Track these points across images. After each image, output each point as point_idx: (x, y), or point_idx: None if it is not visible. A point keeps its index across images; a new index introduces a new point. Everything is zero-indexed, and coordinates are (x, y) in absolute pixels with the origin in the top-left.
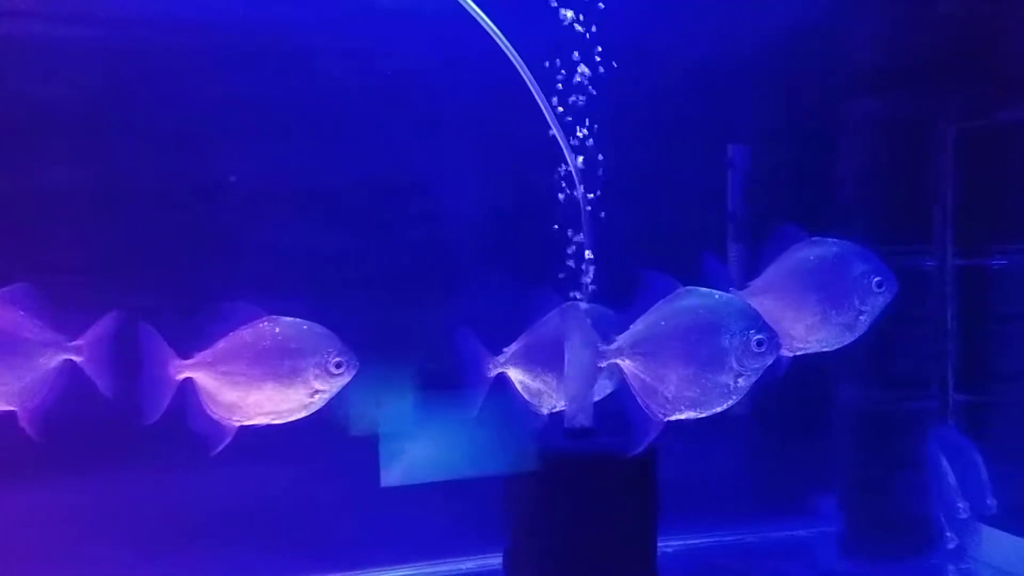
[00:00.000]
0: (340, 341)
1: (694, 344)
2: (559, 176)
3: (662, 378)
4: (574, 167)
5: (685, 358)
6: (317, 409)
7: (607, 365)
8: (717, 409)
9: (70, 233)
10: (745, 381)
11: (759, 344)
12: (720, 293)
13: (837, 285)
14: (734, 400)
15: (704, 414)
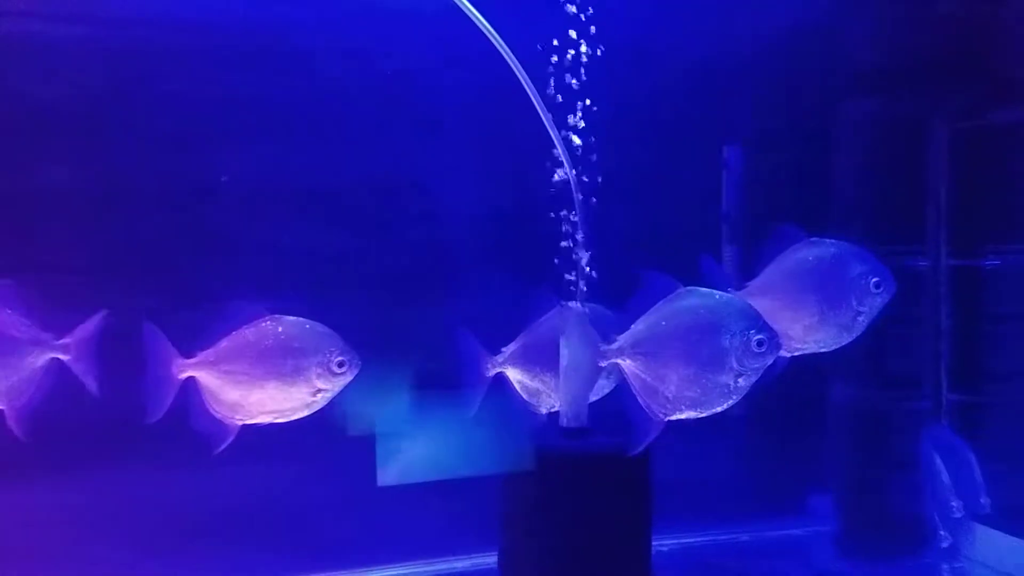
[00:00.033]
0: (342, 340)
1: (695, 344)
2: (558, 176)
3: (663, 378)
4: (569, 168)
5: (686, 358)
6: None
7: (607, 365)
8: (718, 409)
9: (70, 232)
10: (745, 381)
11: (759, 344)
12: (720, 293)
13: (835, 286)
14: (734, 400)
15: (705, 414)
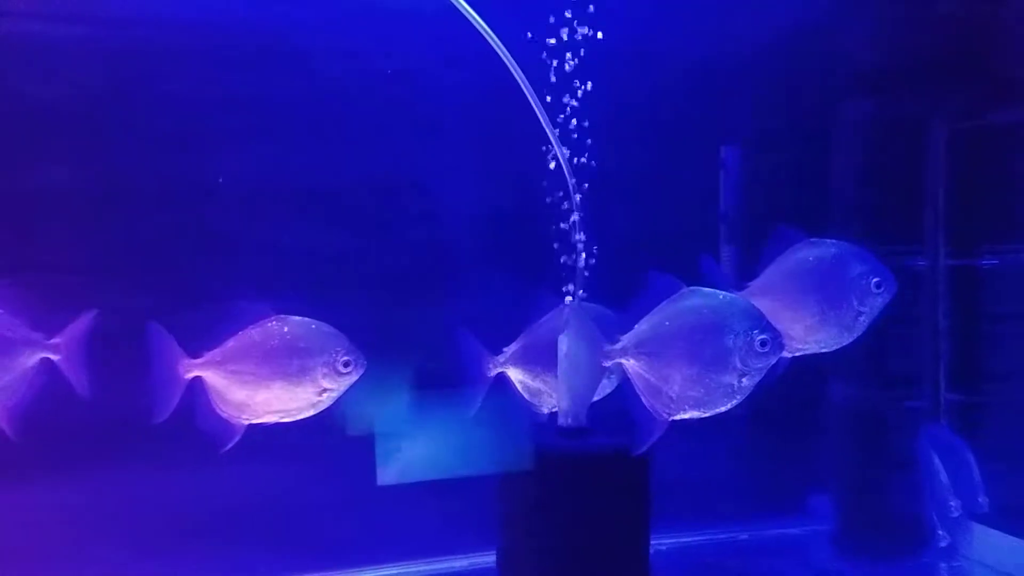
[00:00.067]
0: (348, 340)
1: (698, 344)
2: (558, 176)
3: (666, 378)
4: (568, 170)
5: (689, 358)
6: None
7: (611, 365)
8: (721, 409)
9: (70, 233)
10: (749, 381)
11: (763, 344)
12: (724, 293)
13: (836, 286)
14: (738, 400)
15: (708, 414)
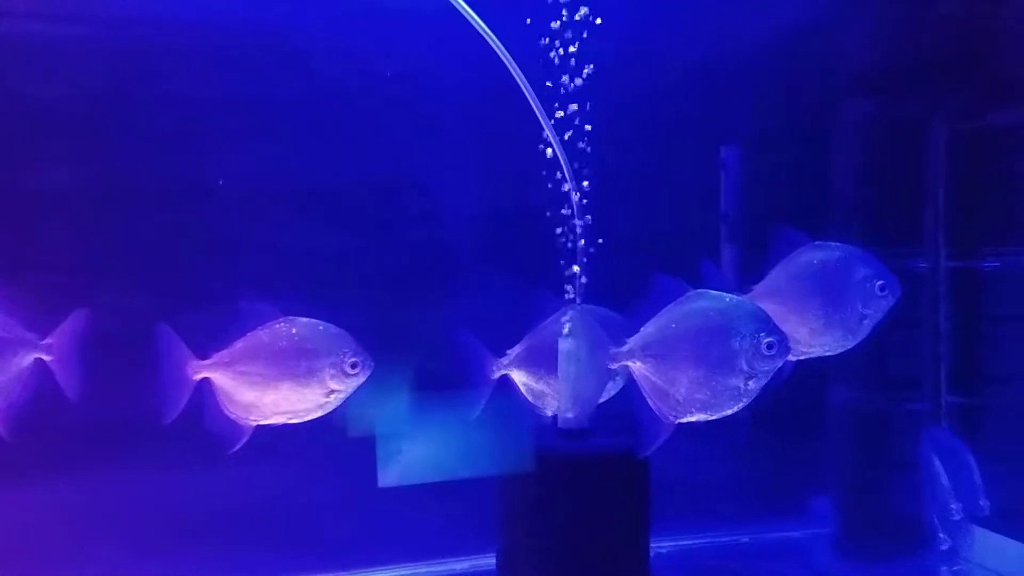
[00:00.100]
0: (355, 342)
1: (704, 346)
2: (560, 178)
3: (673, 380)
4: (568, 172)
5: (695, 360)
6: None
7: (617, 367)
8: (728, 412)
9: (69, 232)
10: (755, 383)
11: (769, 347)
12: (730, 296)
13: (840, 289)
14: (745, 402)
15: (715, 416)
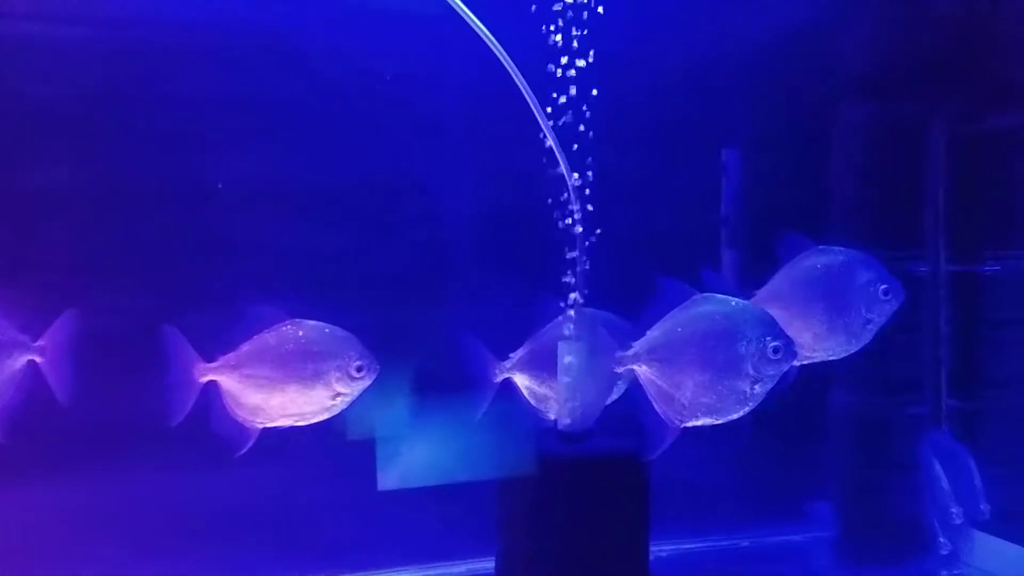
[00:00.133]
0: (361, 345)
1: (710, 350)
2: (560, 180)
3: (678, 384)
4: (568, 174)
5: (701, 364)
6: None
7: (623, 371)
8: (733, 416)
9: (69, 232)
10: (761, 388)
11: (775, 351)
12: (736, 300)
13: (844, 294)
14: (750, 407)
15: (720, 420)
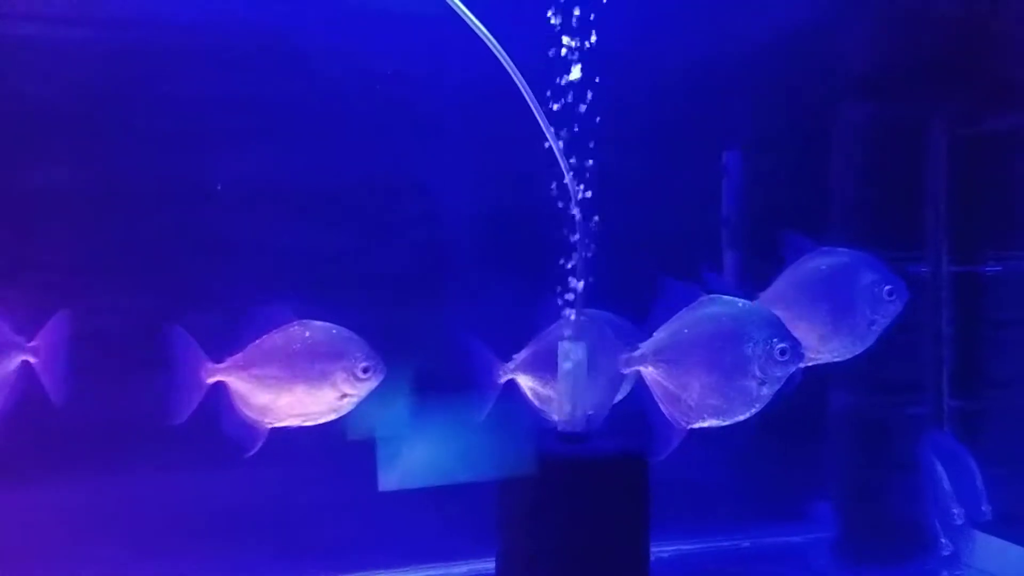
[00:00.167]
0: (368, 346)
1: (717, 352)
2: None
3: (685, 386)
4: (569, 177)
5: (708, 366)
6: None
7: (629, 372)
8: (740, 417)
9: (69, 233)
10: (768, 389)
11: (782, 352)
12: (743, 301)
13: (848, 295)
14: (757, 408)
15: (727, 422)
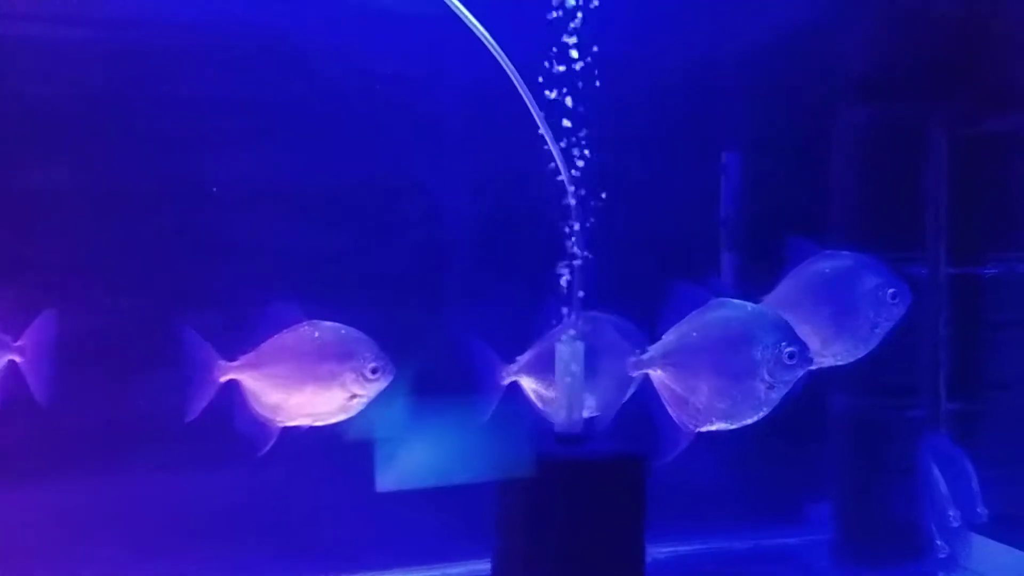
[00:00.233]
0: (377, 347)
1: (726, 355)
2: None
3: (693, 389)
4: (568, 179)
5: (716, 369)
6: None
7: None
8: (747, 421)
9: (69, 232)
10: (776, 393)
11: (791, 356)
12: (752, 305)
13: (851, 298)
14: (764, 412)
15: (734, 426)
